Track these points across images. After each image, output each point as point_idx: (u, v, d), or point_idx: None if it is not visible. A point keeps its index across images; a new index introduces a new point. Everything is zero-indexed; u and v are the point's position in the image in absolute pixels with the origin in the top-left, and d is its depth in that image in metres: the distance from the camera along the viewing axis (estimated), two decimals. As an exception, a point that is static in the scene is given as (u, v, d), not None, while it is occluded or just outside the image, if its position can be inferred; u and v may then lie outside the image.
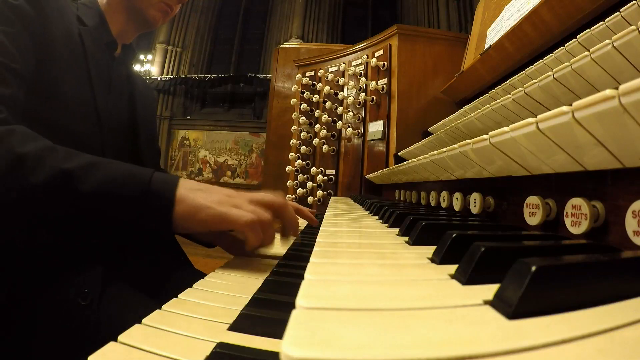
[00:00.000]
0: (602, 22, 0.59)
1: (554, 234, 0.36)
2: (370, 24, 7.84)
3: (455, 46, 1.68)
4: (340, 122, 1.82)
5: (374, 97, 1.69)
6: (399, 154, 1.42)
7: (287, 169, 2.03)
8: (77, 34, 0.65)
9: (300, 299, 0.18)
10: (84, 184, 0.46)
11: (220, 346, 0.26)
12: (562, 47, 0.68)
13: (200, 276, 0.49)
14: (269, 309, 0.33)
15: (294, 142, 2.03)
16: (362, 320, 0.16)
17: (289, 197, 2.00)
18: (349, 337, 0.14)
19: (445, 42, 1.70)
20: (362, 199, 1.10)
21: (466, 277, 0.22)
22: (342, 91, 1.87)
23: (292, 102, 2.06)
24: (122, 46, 0.80)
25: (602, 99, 0.23)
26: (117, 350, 0.26)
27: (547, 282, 0.17)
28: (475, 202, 0.53)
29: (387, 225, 0.53)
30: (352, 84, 1.81)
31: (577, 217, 0.32)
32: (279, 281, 0.42)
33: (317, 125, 1.90)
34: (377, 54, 1.73)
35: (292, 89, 2.12)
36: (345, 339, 0.14)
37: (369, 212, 0.77)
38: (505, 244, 0.25)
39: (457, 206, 0.61)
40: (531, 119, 0.31)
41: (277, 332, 0.27)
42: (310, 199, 1.90)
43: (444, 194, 0.67)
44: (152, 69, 7.94)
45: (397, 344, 0.14)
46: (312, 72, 2.08)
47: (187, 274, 0.71)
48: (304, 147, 2.01)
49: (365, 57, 1.79)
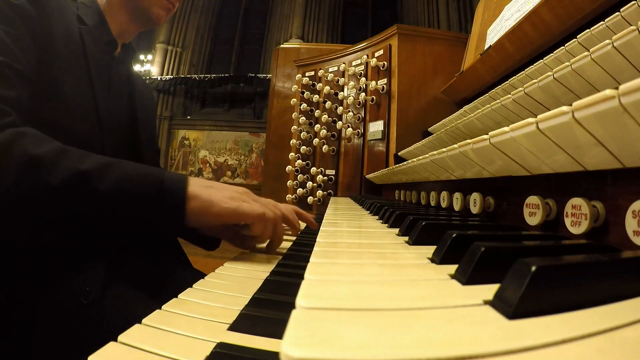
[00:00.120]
0: (602, 22, 0.59)
1: (554, 234, 0.36)
2: (370, 24, 7.84)
3: (455, 46, 1.68)
4: (340, 122, 1.82)
5: (374, 97, 1.69)
6: (399, 154, 1.43)
7: (287, 169, 2.03)
8: (77, 33, 0.65)
9: (300, 299, 0.18)
10: (101, 184, 0.47)
11: (220, 346, 0.26)
12: (562, 47, 0.68)
13: (200, 276, 0.50)
14: (269, 309, 0.33)
15: (294, 142, 2.03)
16: (362, 320, 0.16)
17: (289, 197, 2.01)
18: (349, 337, 0.14)
19: (445, 42, 1.70)
20: (362, 199, 1.10)
21: (466, 277, 0.22)
22: (342, 91, 1.87)
23: (292, 102, 2.06)
24: (122, 46, 0.80)
25: (602, 99, 0.23)
26: (117, 350, 0.26)
27: (547, 282, 0.17)
28: (475, 202, 0.53)
29: (387, 225, 0.53)
30: (352, 84, 1.81)
31: (577, 217, 0.32)
32: (279, 281, 0.42)
33: (317, 125, 1.90)
34: (377, 54, 1.73)
35: (292, 89, 2.12)
36: (345, 339, 0.14)
37: (369, 212, 0.77)
38: (505, 244, 0.25)
39: (457, 206, 0.61)
40: (531, 119, 0.31)
41: (277, 332, 0.27)
42: (310, 199, 1.90)
43: (444, 194, 0.67)
44: (152, 69, 7.93)
45: (397, 344, 0.14)
46: (312, 72, 2.08)
47: (187, 274, 0.71)
48: (304, 147, 2.01)
49: (365, 57, 1.79)
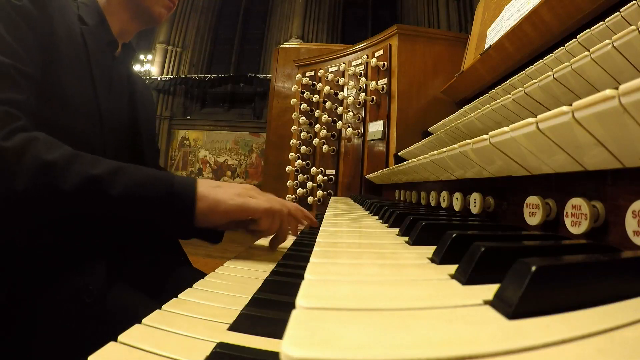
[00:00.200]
0: (602, 22, 0.59)
1: (554, 234, 0.36)
2: (370, 24, 7.83)
3: (455, 46, 1.68)
4: (340, 122, 1.82)
5: (374, 97, 1.69)
6: (399, 154, 1.43)
7: (287, 169, 2.03)
8: (79, 33, 0.64)
9: (300, 299, 0.18)
10: (113, 189, 0.48)
11: (220, 346, 0.26)
12: (562, 47, 0.68)
13: (200, 276, 0.50)
14: (269, 309, 0.33)
15: (294, 142, 2.03)
16: (362, 320, 0.16)
17: (289, 197, 2.00)
18: (349, 337, 0.14)
19: (445, 42, 1.70)
20: (362, 199, 1.10)
21: (466, 277, 0.22)
22: (342, 91, 1.87)
23: (292, 102, 2.06)
24: (122, 46, 0.80)
25: (602, 99, 0.23)
26: (117, 350, 0.26)
27: (547, 282, 0.17)
28: (475, 202, 0.53)
29: (387, 225, 0.53)
30: (352, 84, 1.81)
31: (577, 217, 0.32)
32: (279, 281, 0.42)
33: (317, 125, 1.90)
34: (377, 54, 1.73)
35: (292, 89, 2.12)
36: (345, 339, 0.14)
37: (369, 212, 0.77)
38: (505, 244, 0.25)
39: (457, 206, 0.61)
40: (531, 119, 0.31)
41: (277, 332, 0.27)
42: (310, 199, 1.90)
43: (444, 194, 0.67)
44: (152, 69, 7.93)
45: (397, 344, 0.14)
46: (312, 72, 2.08)
47: (188, 273, 0.71)
48: (304, 147, 2.01)
49: (365, 57, 1.79)
